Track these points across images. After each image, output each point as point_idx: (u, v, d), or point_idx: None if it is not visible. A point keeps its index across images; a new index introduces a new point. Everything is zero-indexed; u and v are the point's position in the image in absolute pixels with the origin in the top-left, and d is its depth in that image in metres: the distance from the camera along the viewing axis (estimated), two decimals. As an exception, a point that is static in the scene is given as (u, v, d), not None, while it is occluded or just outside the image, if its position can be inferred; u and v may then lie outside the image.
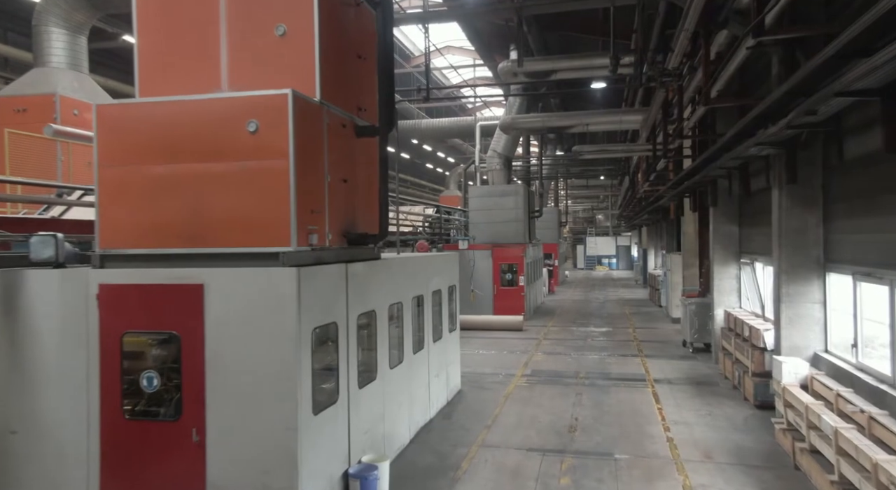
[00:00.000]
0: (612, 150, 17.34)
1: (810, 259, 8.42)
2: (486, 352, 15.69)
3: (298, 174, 5.71)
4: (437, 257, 10.68)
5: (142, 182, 5.84)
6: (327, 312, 6.14)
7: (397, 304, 8.29)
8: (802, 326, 8.48)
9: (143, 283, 5.72)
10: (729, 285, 13.69)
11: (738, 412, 9.89)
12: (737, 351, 11.36)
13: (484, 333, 18.55)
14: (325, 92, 6.39)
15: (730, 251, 13.66)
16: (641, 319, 21.61)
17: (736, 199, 13.55)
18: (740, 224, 13.51)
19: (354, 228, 7.06)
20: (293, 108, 5.64)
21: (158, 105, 5.93)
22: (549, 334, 18.43)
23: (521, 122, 18.37)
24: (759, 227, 11.72)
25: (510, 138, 23.17)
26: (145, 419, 5.77)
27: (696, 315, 15.04)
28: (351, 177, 7.02)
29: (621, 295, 31.08)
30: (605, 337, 17.87)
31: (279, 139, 5.65)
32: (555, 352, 15.53)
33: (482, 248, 21.59)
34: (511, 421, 9.64)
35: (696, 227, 18.94)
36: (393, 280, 8.16)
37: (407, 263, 8.99)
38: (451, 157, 48.40)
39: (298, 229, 5.70)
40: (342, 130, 6.84)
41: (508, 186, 22.24)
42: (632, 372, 13.05)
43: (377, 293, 7.50)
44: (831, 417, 6.40)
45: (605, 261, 56.07)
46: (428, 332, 9.75)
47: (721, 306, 13.68)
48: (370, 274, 7.30)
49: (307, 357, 5.63)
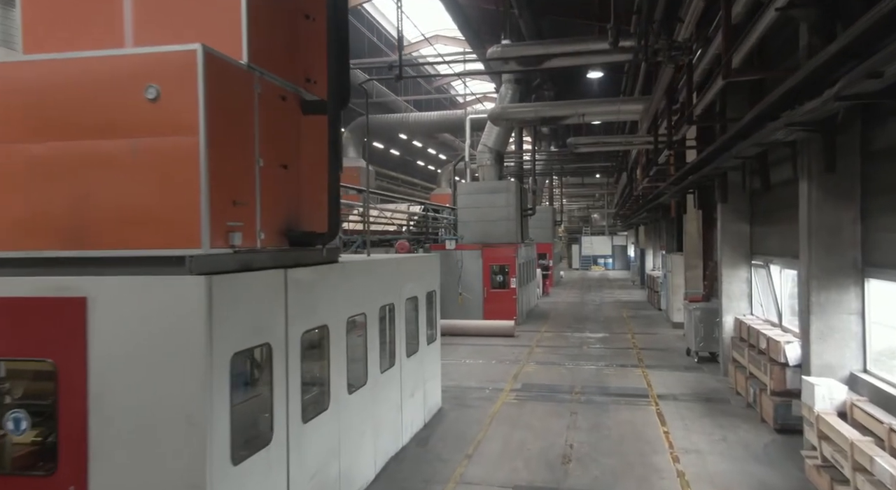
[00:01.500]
0: (610, 142, 16.09)
1: (846, 262, 7.17)
2: (472, 361, 14.41)
3: (213, 155, 4.41)
4: (411, 259, 9.39)
5: (8, 165, 4.52)
6: (256, 332, 4.84)
7: (359, 316, 7.00)
8: (836, 341, 7.23)
9: (8, 296, 4.40)
10: (739, 290, 12.44)
11: (757, 437, 8.63)
12: (751, 364, 10.11)
13: (472, 340, 17.27)
14: (255, 54, 5.09)
15: (740, 252, 12.41)
16: (640, 324, 20.37)
17: (747, 195, 12.31)
18: (752, 222, 12.27)
19: (299, 226, 5.77)
20: (205, 70, 4.34)
21: (30, 65, 4.60)
22: (542, 341, 17.16)
23: (512, 112, 17.08)
24: (776, 225, 10.47)
25: (501, 132, 21.89)
26: (10, 474, 4.46)
27: (701, 321, 13.79)
28: (295, 162, 5.72)
29: (618, 297, 29.86)
30: (603, 344, 16.61)
31: (186, 109, 4.34)
32: (548, 361, 14.26)
33: (471, 248, 20.31)
34: (495, 448, 8.36)
35: (699, 226, 17.71)
36: (353, 287, 6.87)
37: (373, 267, 7.70)
38: (442, 154, 47.11)
39: (213, 226, 4.40)
40: (282, 105, 5.54)
41: (499, 183, 20.97)
42: (632, 386, 11.79)
43: (331, 304, 6.21)
44: (890, 462, 5.14)
45: (601, 261, 54.92)
46: (400, 345, 8.46)
47: (730, 313, 12.44)
48: (320, 281, 6.01)
49: (222, 391, 4.34)
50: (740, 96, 11.96)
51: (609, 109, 15.68)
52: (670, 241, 24.37)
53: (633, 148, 17.95)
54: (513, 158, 24.60)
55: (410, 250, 17.59)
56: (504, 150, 22.74)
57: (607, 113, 15.88)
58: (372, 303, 7.39)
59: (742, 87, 11.66)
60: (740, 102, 12.00)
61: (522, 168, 24.86)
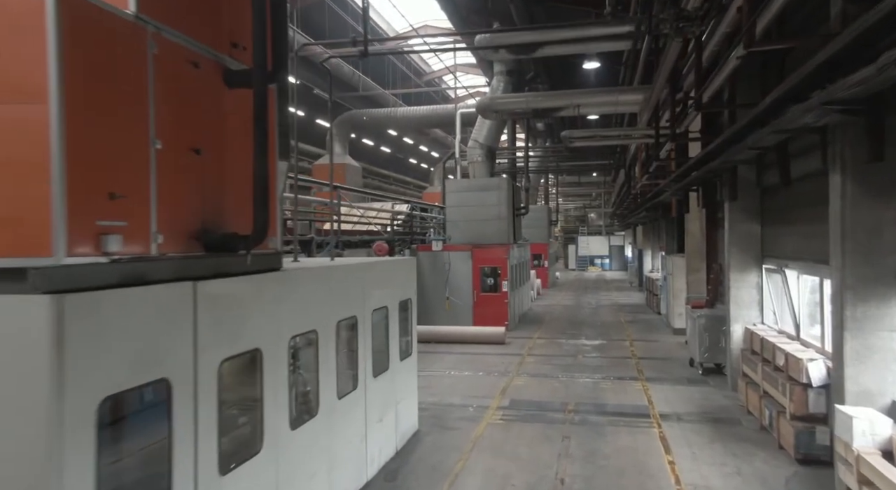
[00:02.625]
0: (607, 135, 14.95)
1: (887, 270, 6.05)
2: (458, 373, 13.26)
3: (74, 130, 3.26)
4: (381, 264, 8.24)
5: None
6: (145, 365, 3.69)
7: (308, 335, 5.86)
8: (876, 363, 6.10)
9: None
10: (748, 296, 11.32)
11: (776, 469, 7.51)
12: (765, 381, 8.99)
13: (459, 348, 16.12)
14: (149, 3, 3.93)
15: (750, 255, 11.30)
16: (639, 329, 19.25)
17: (758, 192, 11.20)
18: (763, 221, 11.15)
19: (220, 226, 4.62)
20: (58, 13, 3.19)
21: None
22: (534, 349, 16.02)
23: (501, 104, 15.91)
24: (793, 225, 9.36)
25: (493, 126, 20.75)
26: None
27: (706, 330, 12.67)
28: (214, 147, 4.57)
29: (615, 299, 28.75)
30: (599, 352, 15.48)
31: (30, 66, 3.20)
32: (540, 373, 13.12)
33: (460, 249, 19.16)
34: (475, 484, 7.21)
35: (702, 226, 16.59)
36: (300, 300, 5.72)
37: (329, 275, 6.55)
38: (435, 151, 45.91)
39: (72, 226, 3.25)
40: (193, 73, 4.38)
41: (490, 180, 19.81)
42: (632, 403, 10.66)
43: (266, 322, 5.06)
44: (968, 532, 4.01)
45: (598, 261, 53.82)
46: (365, 364, 7.31)
47: (739, 322, 11.32)
48: (250, 295, 4.85)
49: (82, 454, 3.18)
50: (751, 83, 10.85)
51: (606, 100, 14.53)
52: (670, 241, 23.25)
53: (631, 142, 16.81)
54: (505, 155, 23.47)
55: (391, 252, 16.46)
56: (496, 145, 21.58)
57: (605, 104, 14.73)
58: (326, 317, 6.24)
59: (753, 72, 10.57)
60: (750, 90, 10.87)
61: (515, 165, 23.72)
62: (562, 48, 15.16)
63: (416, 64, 34.49)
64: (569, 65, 22.45)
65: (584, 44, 14.80)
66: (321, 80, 23.97)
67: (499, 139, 21.94)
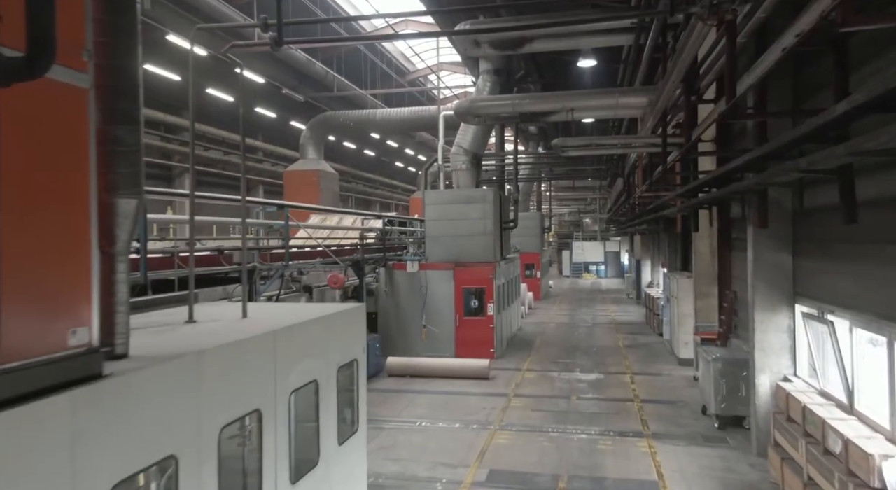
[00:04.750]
0: (605, 143, 13.01)
1: None
2: (430, 424, 11.26)
3: None
4: (305, 326, 6.17)
5: None
6: None
7: (164, 463, 3.84)
8: None
9: None
10: (777, 341, 9.37)
11: None
12: (811, 466, 7.03)
13: (437, 385, 14.14)
14: None
15: (779, 291, 9.35)
16: (640, 357, 17.29)
17: (790, 216, 9.26)
18: (796, 252, 9.21)
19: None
20: None
21: None
22: (522, 385, 14.04)
23: (484, 107, 13.89)
24: (848, 263, 7.40)
25: (479, 131, 18.76)
26: None
27: (722, 375, 10.70)
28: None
29: (612, 314, 26.80)
30: (596, 391, 13.51)
31: None
32: (527, 425, 11.13)
33: (441, 267, 17.17)
34: None
35: (712, 245, 14.67)
36: (145, 419, 3.70)
37: (203, 365, 4.50)
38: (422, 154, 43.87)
39: None
40: None
41: (474, 191, 17.81)
42: (638, 478, 8.66)
43: (76, 467, 3.04)
44: None
45: (593, 268, 51.93)
46: (278, 468, 5.29)
47: (765, 372, 9.38)
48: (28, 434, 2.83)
49: None
50: (783, 82, 8.93)
51: (605, 103, 12.54)
52: (672, 257, 21.33)
53: (633, 151, 14.85)
54: (493, 161, 21.47)
55: (360, 275, 14.47)
56: (482, 152, 19.61)
57: (603, 108, 12.75)
58: (196, 433, 4.22)
59: (785, 71, 8.66)
60: (783, 93, 8.96)
61: (504, 172, 21.74)
62: (553, 43, 13.21)
63: (399, 63, 32.41)
64: (562, 63, 20.48)
65: (578, 38, 12.85)
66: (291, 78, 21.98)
67: (485, 144, 19.97)
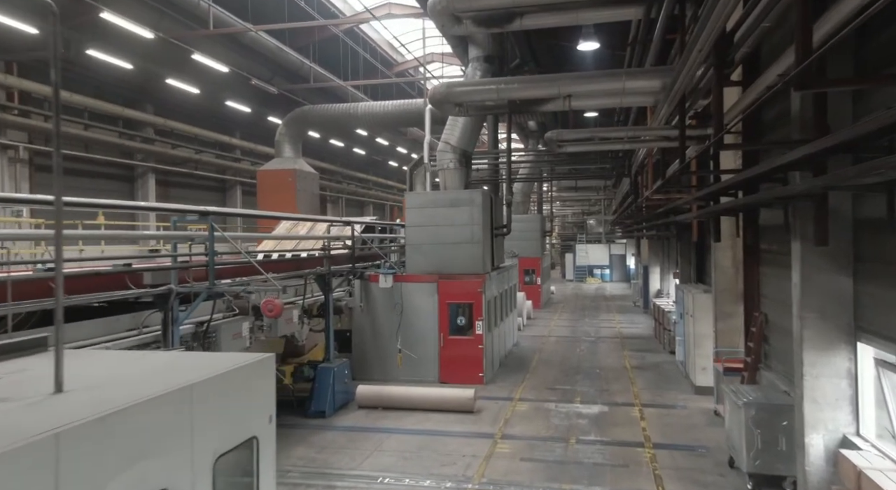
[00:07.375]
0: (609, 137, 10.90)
1: None
2: (394, 481, 9.16)
3: None
4: (174, 396, 4.10)
5: None
6: None
7: None
8: None
9: None
10: (833, 390, 7.24)
11: None
12: None
13: (413, 419, 12.05)
14: None
15: (835, 324, 7.22)
16: (650, 382, 15.16)
17: (849, 228, 7.14)
18: (857, 276, 7.09)
19: None
20: None
21: None
22: (512, 423, 11.93)
23: (463, 92, 11.69)
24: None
25: (468, 125, 16.67)
26: None
27: (756, 425, 8.58)
28: None
29: (618, 327, 24.63)
30: (599, 432, 11.38)
31: None
32: (512, 483, 9.02)
33: (423, 279, 15.09)
34: None
35: (736, 258, 12.53)
36: None
37: None
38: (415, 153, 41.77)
39: None
40: None
41: (461, 193, 15.69)
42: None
43: None
44: None
45: (598, 272, 49.70)
46: None
47: (819, 429, 7.24)
48: None
49: None
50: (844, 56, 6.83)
51: (609, 88, 10.37)
52: (685, 266, 19.19)
53: (643, 145, 12.70)
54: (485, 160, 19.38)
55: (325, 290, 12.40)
56: (472, 149, 17.50)
57: (606, 94, 10.59)
58: None
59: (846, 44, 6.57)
60: (843, 64, 6.85)
61: (498, 172, 19.65)
62: (549, 18, 11.07)
63: (385, 53, 30.24)
64: (561, 50, 18.38)
65: (578, 11, 10.72)
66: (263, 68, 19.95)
67: (475, 141, 17.87)
